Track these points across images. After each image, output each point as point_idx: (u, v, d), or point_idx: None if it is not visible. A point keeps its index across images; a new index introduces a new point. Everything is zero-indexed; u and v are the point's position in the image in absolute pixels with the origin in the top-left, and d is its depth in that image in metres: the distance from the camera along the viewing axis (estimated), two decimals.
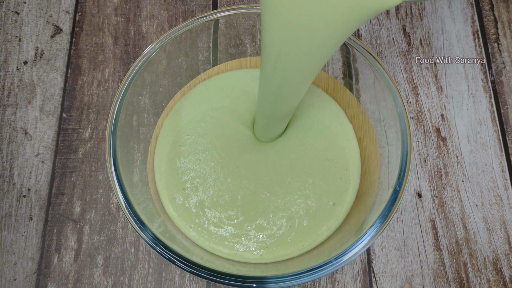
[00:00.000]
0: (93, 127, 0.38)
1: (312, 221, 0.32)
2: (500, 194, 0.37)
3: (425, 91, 0.40)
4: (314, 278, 0.26)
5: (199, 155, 0.35)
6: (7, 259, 0.34)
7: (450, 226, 0.36)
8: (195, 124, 0.36)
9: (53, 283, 0.34)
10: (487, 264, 0.35)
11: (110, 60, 0.40)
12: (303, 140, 0.35)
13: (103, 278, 0.34)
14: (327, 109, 0.36)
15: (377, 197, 0.32)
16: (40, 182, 0.36)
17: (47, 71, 0.40)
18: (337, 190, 0.33)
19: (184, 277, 0.34)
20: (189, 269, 0.26)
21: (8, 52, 0.40)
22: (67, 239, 0.35)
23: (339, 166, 0.34)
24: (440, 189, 0.37)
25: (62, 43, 0.41)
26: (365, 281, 0.34)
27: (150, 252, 0.34)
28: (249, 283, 0.26)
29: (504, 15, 0.42)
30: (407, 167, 0.29)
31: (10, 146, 0.37)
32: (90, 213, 0.35)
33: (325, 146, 0.35)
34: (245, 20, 0.35)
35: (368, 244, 0.27)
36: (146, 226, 0.27)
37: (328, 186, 0.34)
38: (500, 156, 0.38)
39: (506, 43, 0.41)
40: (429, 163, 0.37)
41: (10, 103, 0.39)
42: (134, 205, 0.28)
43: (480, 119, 0.39)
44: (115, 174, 0.29)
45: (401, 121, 0.30)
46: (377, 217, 0.28)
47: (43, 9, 0.42)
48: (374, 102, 0.35)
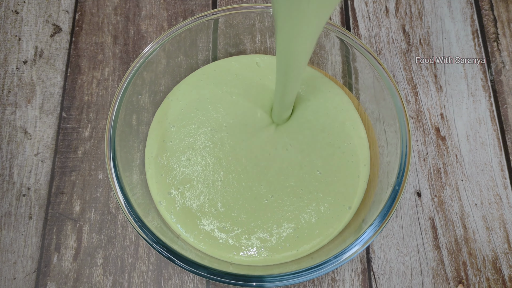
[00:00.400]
0: (93, 127, 0.38)
1: (323, 228, 0.31)
2: (500, 193, 0.37)
3: (425, 91, 0.40)
4: (313, 276, 0.26)
5: (188, 153, 0.33)
6: (6, 258, 0.34)
7: (450, 225, 0.36)
8: (184, 114, 0.35)
9: (52, 282, 0.34)
10: (486, 263, 0.35)
11: (110, 60, 0.40)
12: (312, 130, 0.34)
13: (103, 277, 0.34)
14: (346, 114, 0.35)
15: (377, 196, 0.32)
16: (40, 181, 0.36)
17: (47, 70, 0.40)
18: (351, 191, 0.32)
19: (184, 276, 0.34)
20: (189, 268, 0.26)
21: (7, 51, 0.40)
22: (66, 238, 0.35)
23: (354, 164, 0.33)
24: (439, 188, 0.37)
25: (62, 42, 0.41)
26: (364, 280, 0.34)
27: (149, 251, 0.34)
28: (248, 281, 0.26)
29: (503, 15, 0.42)
30: (406, 166, 0.29)
31: (10, 145, 0.37)
32: (90, 212, 0.35)
33: (339, 137, 0.34)
34: (244, 19, 0.35)
35: (367, 243, 0.27)
36: (145, 225, 0.27)
37: (344, 187, 0.32)
38: (499, 155, 0.38)
39: (505, 43, 0.41)
40: (429, 162, 0.38)
41: (10, 103, 0.39)
42: (134, 204, 0.28)
43: (480, 118, 0.39)
44: (114, 173, 0.29)
45: (400, 120, 0.30)
46: (376, 216, 0.28)
47: (43, 8, 0.42)
48: (373, 101, 0.35)
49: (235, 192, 0.32)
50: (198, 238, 0.31)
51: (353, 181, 0.33)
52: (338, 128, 0.34)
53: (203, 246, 0.31)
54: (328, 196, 0.32)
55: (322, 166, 0.33)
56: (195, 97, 0.35)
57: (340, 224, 0.32)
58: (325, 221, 0.31)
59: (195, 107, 0.35)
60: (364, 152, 0.34)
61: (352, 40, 0.32)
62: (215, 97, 0.35)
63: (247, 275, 0.27)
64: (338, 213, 0.32)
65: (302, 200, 0.32)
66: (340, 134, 0.34)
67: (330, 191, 0.32)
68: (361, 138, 0.34)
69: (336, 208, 0.32)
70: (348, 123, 0.35)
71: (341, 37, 0.33)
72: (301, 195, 0.32)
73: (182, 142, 0.34)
